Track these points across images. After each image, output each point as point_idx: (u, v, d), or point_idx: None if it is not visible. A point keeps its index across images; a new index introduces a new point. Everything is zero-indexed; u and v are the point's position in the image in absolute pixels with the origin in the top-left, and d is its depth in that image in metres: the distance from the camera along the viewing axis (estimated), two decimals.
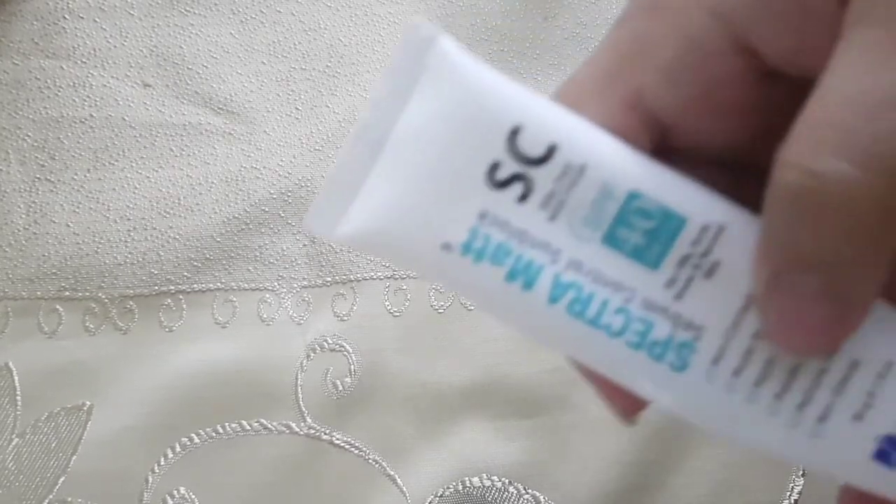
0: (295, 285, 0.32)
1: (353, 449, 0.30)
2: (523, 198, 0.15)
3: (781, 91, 0.16)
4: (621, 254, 0.15)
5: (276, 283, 0.32)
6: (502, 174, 0.15)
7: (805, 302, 0.14)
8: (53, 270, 0.31)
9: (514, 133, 0.15)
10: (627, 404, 0.17)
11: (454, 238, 0.15)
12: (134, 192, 0.32)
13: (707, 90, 0.16)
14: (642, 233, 0.15)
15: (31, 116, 0.33)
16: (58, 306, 0.31)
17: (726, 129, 0.17)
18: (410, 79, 0.15)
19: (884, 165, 0.13)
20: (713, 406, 0.15)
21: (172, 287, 0.31)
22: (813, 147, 0.13)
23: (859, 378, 0.15)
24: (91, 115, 0.33)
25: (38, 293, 0.31)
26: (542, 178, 0.15)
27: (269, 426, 0.30)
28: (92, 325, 0.31)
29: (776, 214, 0.14)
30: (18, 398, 0.30)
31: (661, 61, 0.16)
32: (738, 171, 0.17)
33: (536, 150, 0.15)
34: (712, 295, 0.15)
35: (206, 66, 0.33)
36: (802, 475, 0.30)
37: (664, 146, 0.17)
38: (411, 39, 0.15)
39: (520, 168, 0.15)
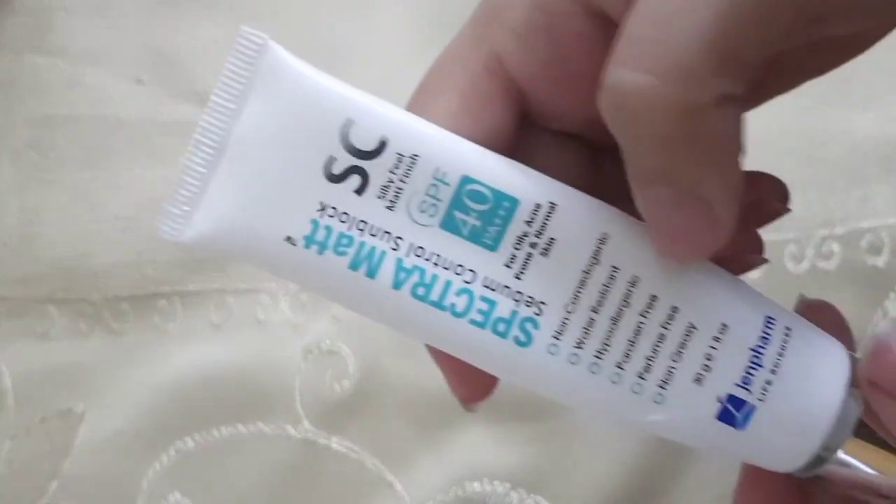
0: (291, 286, 0.31)
1: (351, 453, 0.30)
2: (361, 189, 0.16)
3: None
4: (460, 237, 0.16)
5: (272, 284, 0.31)
6: (338, 168, 0.16)
7: (667, 210, 0.15)
8: (46, 271, 0.31)
9: (346, 128, 0.16)
10: (474, 389, 0.18)
11: (297, 231, 0.16)
12: (128, 192, 0.32)
13: (560, 54, 0.17)
14: (477, 215, 0.16)
15: (23, 114, 0.33)
16: (50, 307, 0.31)
17: (582, 101, 0.17)
18: (246, 83, 0.16)
19: (677, 70, 0.14)
20: (558, 378, 0.16)
21: (167, 288, 0.31)
22: (616, 63, 0.14)
23: (696, 342, 0.16)
24: (84, 113, 0.33)
25: (31, 294, 0.31)
26: (377, 169, 0.16)
27: (266, 430, 0.30)
28: (85, 327, 0.31)
29: (616, 136, 0.15)
30: (10, 401, 0.30)
31: (513, 23, 0.17)
32: (603, 148, 0.17)
33: (369, 144, 0.16)
34: (551, 271, 0.16)
35: (201, 63, 0.33)
36: None
37: (531, 118, 0.18)
38: (243, 46, 0.16)
39: (355, 161, 0.16)
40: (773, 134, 0.32)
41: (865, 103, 0.32)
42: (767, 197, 0.19)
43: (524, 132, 0.18)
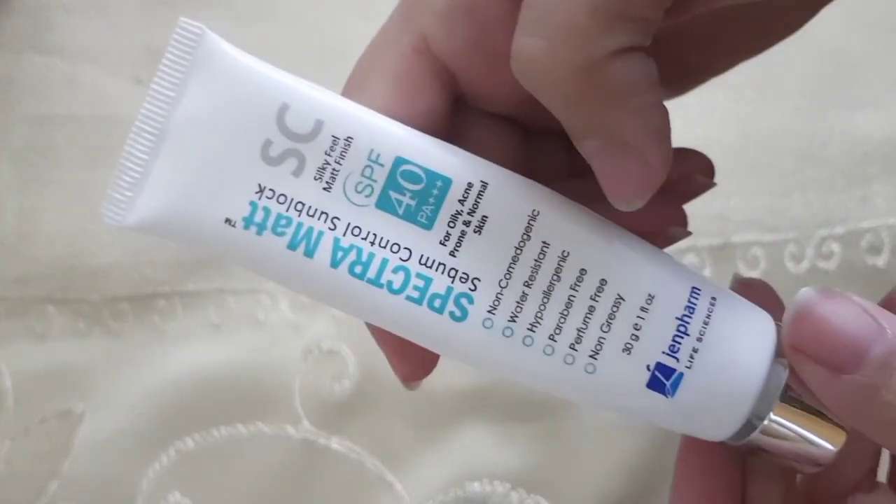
0: None
1: (351, 453, 0.30)
2: (298, 171, 0.17)
3: None
4: (395, 216, 0.17)
5: (271, 284, 0.31)
6: (275, 151, 0.16)
7: (602, 159, 0.16)
8: (45, 271, 0.31)
9: (282, 112, 0.16)
10: (414, 367, 0.18)
11: (235, 213, 0.16)
12: None
13: (483, 36, 0.17)
14: (412, 195, 0.17)
15: (21, 114, 0.32)
16: (49, 307, 0.31)
17: (509, 82, 0.17)
18: (184, 71, 0.17)
19: (565, 31, 0.14)
20: (493, 351, 0.17)
21: (166, 288, 0.31)
22: (517, 31, 0.15)
23: (624, 312, 0.16)
24: (82, 113, 0.32)
25: (30, 294, 0.31)
26: (313, 151, 0.17)
27: (266, 430, 0.30)
28: (84, 327, 0.31)
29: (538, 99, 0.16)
30: (9, 401, 0.30)
31: (436, 5, 0.17)
32: (535, 129, 0.18)
33: (304, 127, 0.16)
34: (484, 248, 0.17)
35: None
36: None
37: (463, 100, 0.18)
38: (181, 36, 0.17)
39: (291, 144, 0.16)
40: (773, 134, 0.32)
41: (865, 103, 0.32)
42: (693, 172, 0.20)
43: (458, 114, 0.19)
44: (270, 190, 0.16)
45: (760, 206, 0.31)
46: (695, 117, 0.32)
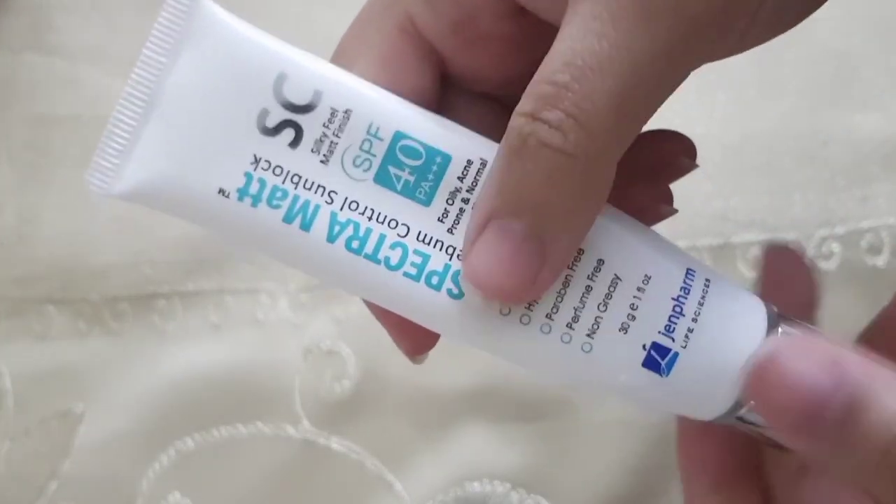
0: (291, 286, 0.31)
1: (351, 453, 0.30)
2: (295, 143, 0.16)
3: (536, 30, 0.17)
4: (394, 192, 0.16)
5: (271, 284, 0.31)
6: (272, 121, 0.16)
7: (507, 246, 0.15)
8: (44, 271, 0.31)
9: (280, 82, 0.16)
10: (416, 342, 0.18)
11: (230, 184, 0.16)
12: None
13: (466, 17, 0.17)
14: (411, 170, 0.16)
15: (21, 114, 0.32)
16: (49, 307, 0.31)
17: (495, 63, 0.17)
18: (178, 38, 0.16)
19: (593, 120, 0.14)
20: (490, 330, 0.16)
21: (166, 288, 0.31)
22: (535, 99, 0.15)
23: (621, 292, 0.16)
24: (82, 113, 0.32)
25: (29, 294, 0.31)
26: (311, 123, 0.16)
27: (265, 430, 0.30)
28: (84, 327, 0.31)
29: (501, 158, 0.15)
30: (9, 401, 0.30)
31: None
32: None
33: (302, 98, 0.16)
34: None
35: None
36: None
37: (451, 79, 0.18)
38: (175, 1, 0.16)
39: (288, 115, 0.16)
40: (773, 134, 0.32)
41: (866, 103, 0.32)
42: (676, 153, 0.20)
43: (446, 93, 0.19)
44: (266, 161, 0.16)
45: (760, 206, 0.31)
46: (695, 117, 0.32)
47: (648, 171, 0.18)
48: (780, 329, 0.17)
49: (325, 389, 0.30)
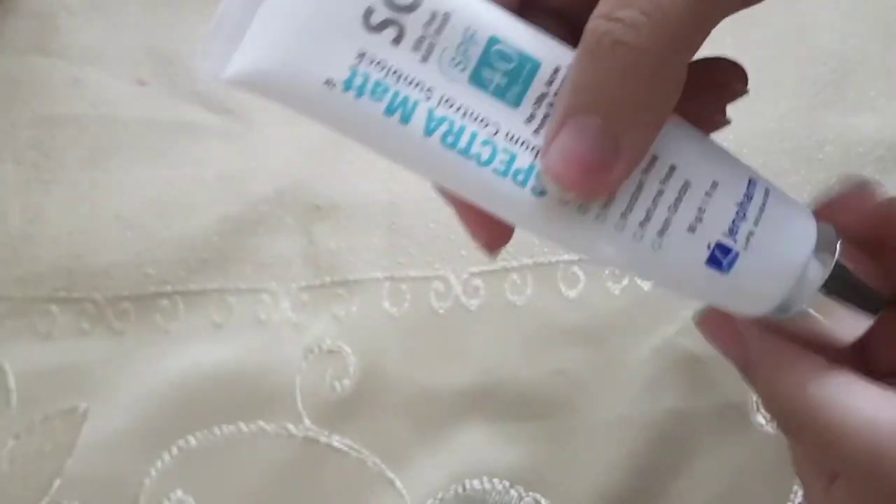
0: (292, 286, 0.31)
1: (352, 451, 0.30)
2: (397, 40, 0.17)
3: None
4: (486, 92, 0.17)
5: (273, 284, 0.31)
6: (376, 19, 0.17)
7: (584, 141, 0.16)
8: (48, 270, 0.31)
9: None
10: (492, 237, 0.19)
11: (336, 75, 0.17)
12: (129, 192, 0.32)
13: None
14: (503, 73, 0.17)
15: (25, 114, 0.33)
16: (52, 307, 0.31)
17: None
18: None
19: (666, 17, 0.15)
20: (569, 225, 0.17)
21: (168, 287, 0.31)
22: (611, 1, 0.15)
23: (690, 196, 0.17)
24: (86, 114, 0.33)
25: (33, 293, 0.31)
26: (412, 23, 0.17)
27: (267, 428, 0.30)
28: (87, 326, 0.31)
29: (578, 59, 0.16)
30: (13, 400, 0.30)
31: None
32: None
33: None
34: None
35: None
36: None
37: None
38: None
39: (391, 14, 0.17)
40: (769, 134, 0.32)
41: (861, 105, 0.32)
42: (730, 78, 0.21)
43: (525, 12, 0.19)
44: (371, 56, 0.17)
45: None
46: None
47: (704, 90, 0.19)
48: (837, 246, 0.18)
49: (326, 388, 0.30)
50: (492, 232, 0.19)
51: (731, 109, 0.33)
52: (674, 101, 0.16)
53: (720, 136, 0.19)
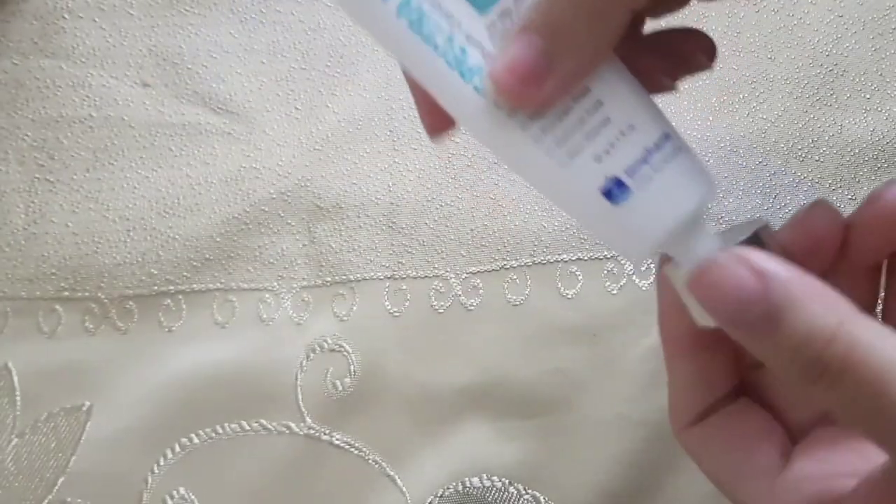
0: (294, 285, 0.31)
1: (352, 449, 0.30)
2: None
3: None
4: None
5: (275, 284, 0.31)
6: None
7: (526, 55, 0.18)
8: (52, 270, 0.31)
9: None
10: (437, 123, 0.21)
11: None
12: (133, 192, 0.32)
13: None
14: None
15: (30, 116, 0.33)
16: (57, 306, 0.31)
17: None
18: None
19: None
20: (495, 125, 0.19)
21: (172, 287, 0.31)
22: None
23: (607, 131, 0.19)
24: (90, 115, 0.33)
25: (38, 293, 0.31)
26: None
27: (269, 426, 0.30)
28: (91, 326, 0.31)
29: None
30: (18, 398, 0.30)
31: None
32: None
33: None
34: None
35: (205, 66, 0.33)
36: None
37: None
38: None
39: None
40: (765, 136, 0.32)
41: (856, 106, 0.32)
42: (694, 50, 0.22)
43: None
44: None
45: (753, 207, 0.31)
46: (689, 120, 0.32)
47: (665, 53, 0.20)
48: (761, 236, 0.20)
49: (327, 387, 0.30)
50: (437, 119, 0.20)
51: (728, 111, 0.33)
52: (610, 44, 0.18)
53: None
